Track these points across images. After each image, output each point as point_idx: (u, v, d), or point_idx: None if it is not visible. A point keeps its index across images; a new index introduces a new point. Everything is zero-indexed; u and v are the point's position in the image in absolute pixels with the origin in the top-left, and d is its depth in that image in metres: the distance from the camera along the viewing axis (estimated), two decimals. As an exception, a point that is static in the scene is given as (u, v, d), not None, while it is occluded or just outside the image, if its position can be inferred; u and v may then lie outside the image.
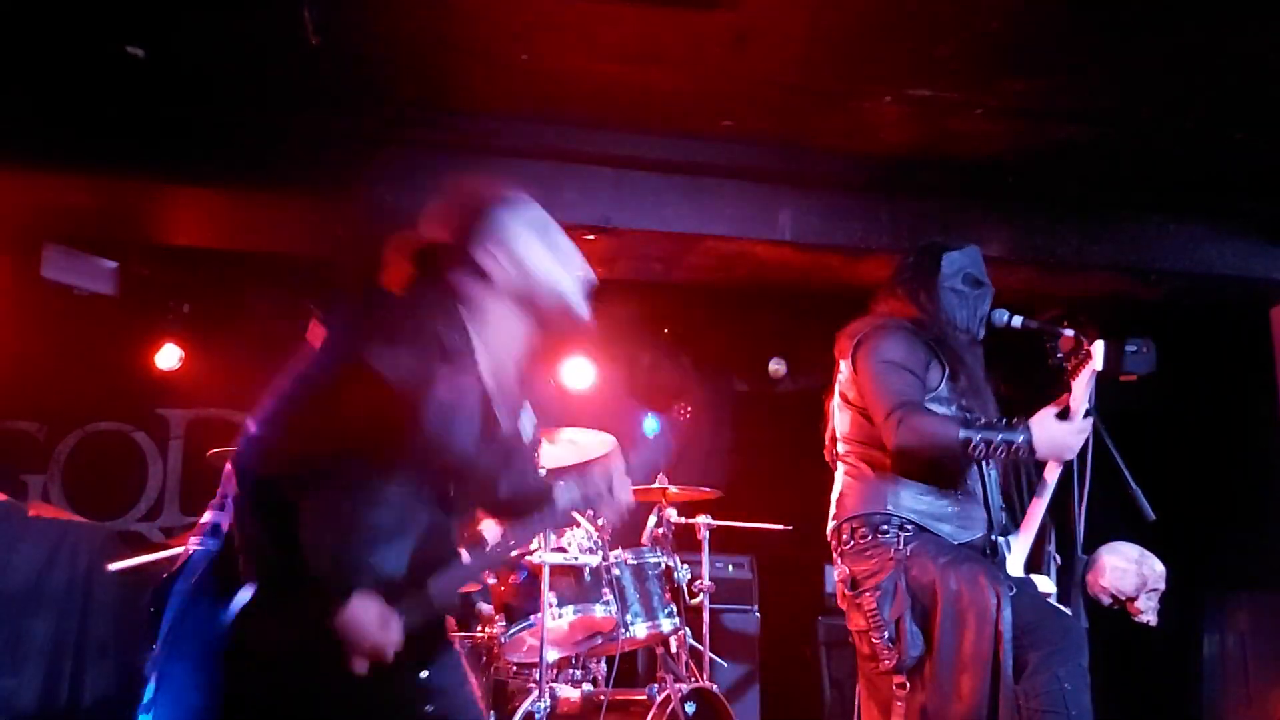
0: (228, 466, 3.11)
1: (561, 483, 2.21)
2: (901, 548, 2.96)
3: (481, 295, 2.06)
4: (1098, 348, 3.03)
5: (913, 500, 3.02)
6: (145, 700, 1.97)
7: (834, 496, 3.20)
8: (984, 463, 3.10)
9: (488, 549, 2.23)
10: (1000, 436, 2.90)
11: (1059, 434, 2.93)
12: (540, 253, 2.10)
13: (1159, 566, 4.14)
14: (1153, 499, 3.09)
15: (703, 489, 4.60)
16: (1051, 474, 3.08)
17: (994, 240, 4.72)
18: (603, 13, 3.53)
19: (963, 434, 2.88)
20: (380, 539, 1.93)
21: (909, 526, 2.99)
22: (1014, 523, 3.17)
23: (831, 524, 3.17)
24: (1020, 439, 2.90)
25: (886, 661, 2.94)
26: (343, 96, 4.09)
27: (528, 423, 2.16)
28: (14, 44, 3.76)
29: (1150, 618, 4.13)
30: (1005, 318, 3.24)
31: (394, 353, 1.91)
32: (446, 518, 2.03)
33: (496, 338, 2.07)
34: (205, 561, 2.05)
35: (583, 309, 2.12)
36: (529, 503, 2.19)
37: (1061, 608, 3.11)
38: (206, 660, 1.88)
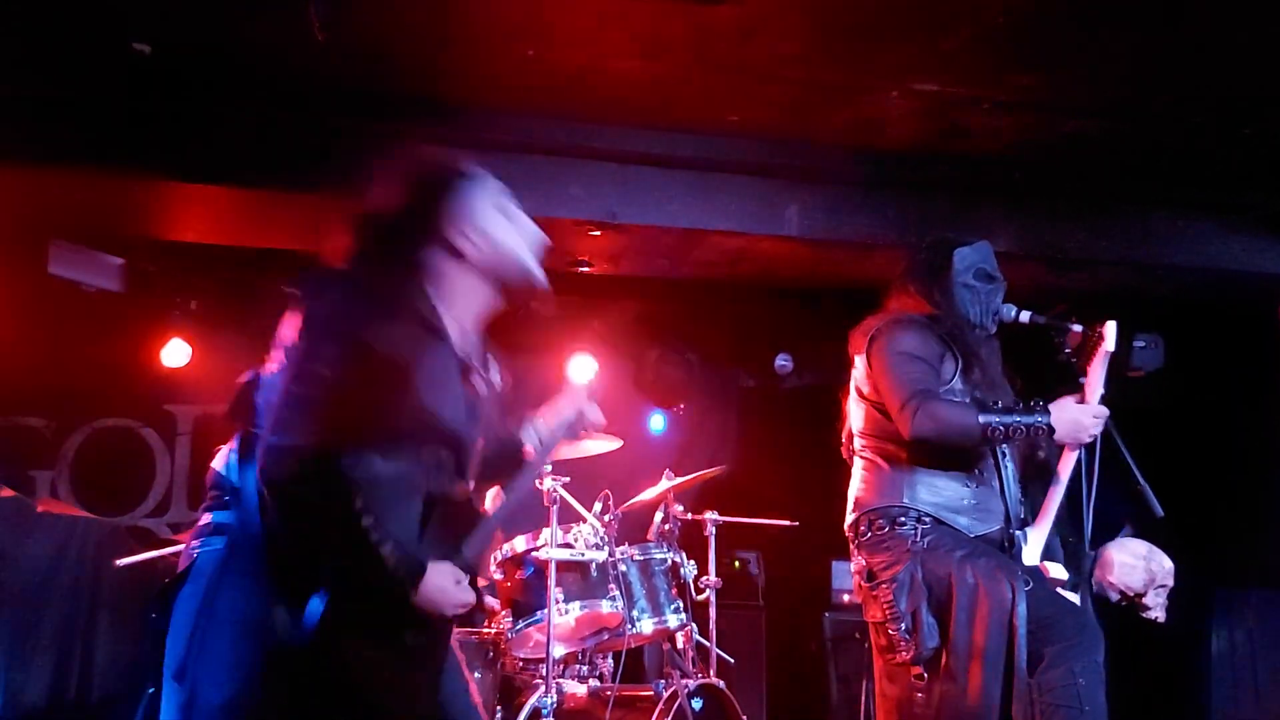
0: (212, 470, 3.11)
1: (531, 426, 2.40)
2: (918, 540, 2.97)
3: (450, 270, 2.14)
4: (1109, 328, 3.04)
5: (929, 493, 3.02)
6: (174, 672, 1.99)
7: (851, 491, 3.21)
8: (1001, 451, 3.10)
9: (496, 509, 2.28)
10: (1018, 420, 2.91)
11: (1077, 416, 2.96)
12: (505, 227, 2.20)
13: (1167, 563, 4.13)
14: (1161, 495, 3.09)
15: (708, 471, 4.54)
16: (1066, 465, 3.09)
17: (1001, 235, 4.70)
18: (609, 8, 3.52)
19: (981, 418, 2.89)
20: (409, 514, 2.01)
21: (926, 519, 3.00)
22: (1031, 515, 3.17)
23: (849, 518, 3.17)
24: (1039, 421, 2.91)
25: (904, 653, 2.95)
26: (349, 92, 4.09)
27: (495, 373, 2.27)
28: (20, 41, 3.76)
29: (1158, 614, 4.12)
30: (1014, 313, 3.23)
31: (390, 329, 1.98)
32: (454, 483, 2.10)
33: (464, 307, 2.16)
34: (214, 563, 2.05)
35: (540, 275, 2.23)
36: (509, 454, 2.35)
37: (1075, 600, 3.11)
38: (242, 641, 1.93)
